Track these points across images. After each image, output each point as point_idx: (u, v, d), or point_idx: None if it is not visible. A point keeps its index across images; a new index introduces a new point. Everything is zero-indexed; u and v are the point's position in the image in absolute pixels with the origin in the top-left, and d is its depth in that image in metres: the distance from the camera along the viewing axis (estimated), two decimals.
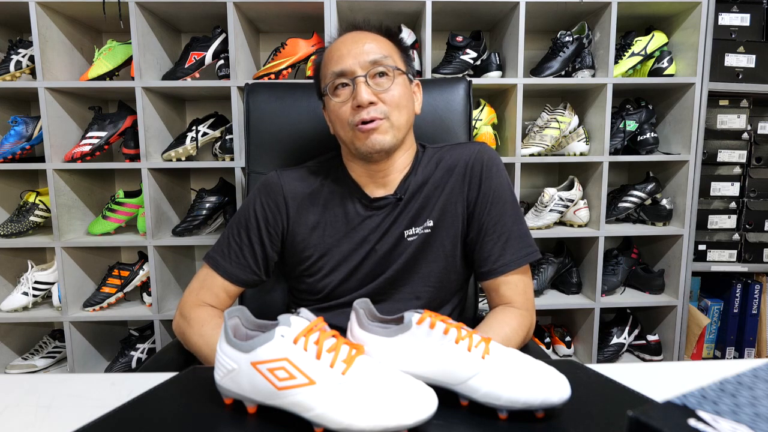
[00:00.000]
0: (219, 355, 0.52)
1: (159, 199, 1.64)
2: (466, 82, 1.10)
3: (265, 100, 1.07)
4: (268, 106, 1.07)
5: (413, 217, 0.85)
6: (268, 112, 1.06)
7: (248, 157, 1.08)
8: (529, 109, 1.81)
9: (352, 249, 0.86)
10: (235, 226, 0.88)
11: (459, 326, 0.55)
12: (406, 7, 1.58)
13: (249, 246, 0.86)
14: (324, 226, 0.86)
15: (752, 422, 0.27)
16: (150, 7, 1.55)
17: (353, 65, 0.79)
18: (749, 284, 1.77)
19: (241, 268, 0.86)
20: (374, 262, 0.85)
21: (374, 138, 0.79)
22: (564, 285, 1.79)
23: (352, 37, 0.82)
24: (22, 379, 0.64)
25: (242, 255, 0.86)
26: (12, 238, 1.63)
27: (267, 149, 1.07)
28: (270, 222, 0.86)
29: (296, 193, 0.87)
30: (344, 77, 0.80)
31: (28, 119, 1.65)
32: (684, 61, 1.67)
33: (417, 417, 0.45)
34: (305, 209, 0.87)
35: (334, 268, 0.86)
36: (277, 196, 0.87)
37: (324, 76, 0.84)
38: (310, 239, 0.86)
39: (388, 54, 0.81)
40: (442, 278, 0.86)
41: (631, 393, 0.55)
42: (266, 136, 1.06)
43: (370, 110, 0.78)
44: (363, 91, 0.77)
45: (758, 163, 1.73)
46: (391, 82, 0.80)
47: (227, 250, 0.86)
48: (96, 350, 1.75)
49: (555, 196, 1.68)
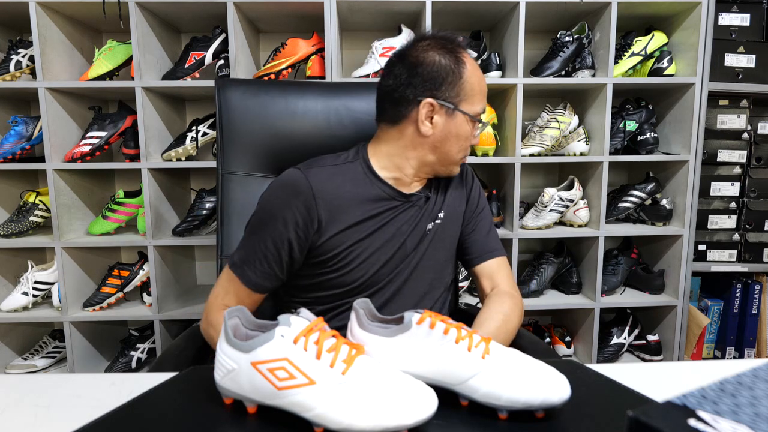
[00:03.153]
0: (219, 355, 0.52)
1: (159, 199, 1.64)
2: None
3: (239, 97, 1.02)
4: (242, 104, 1.01)
5: (433, 211, 0.91)
6: (242, 109, 1.01)
7: (222, 157, 1.01)
8: (529, 109, 1.81)
9: (384, 242, 0.86)
10: (262, 233, 0.82)
11: (459, 326, 0.55)
12: (406, 7, 1.58)
13: (276, 256, 0.82)
14: (357, 224, 0.85)
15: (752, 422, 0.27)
16: (150, 7, 1.55)
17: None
18: (749, 284, 1.77)
19: (268, 278, 0.83)
20: (402, 255, 0.88)
21: (461, 167, 0.93)
22: (564, 285, 1.79)
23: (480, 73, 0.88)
24: (22, 379, 0.64)
25: (269, 265, 0.82)
26: (12, 238, 1.63)
27: (242, 149, 1.01)
28: (300, 227, 0.81)
29: (327, 193, 0.82)
30: (479, 116, 0.87)
31: (28, 119, 1.65)
32: (684, 61, 1.67)
33: (417, 417, 0.45)
34: (337, 209, 0.83)
35: (365, 260, 0.85)
36: (308, 198, 0.81)
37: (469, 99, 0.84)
38: (342, 237, 0.84)
39: None
40: (444, 267, 0.94)
41: (631, 393, 0.55)
42: (241, 135, 1.01)
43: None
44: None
45: (758, 163, 1.73)
46: None
47: (253, 259, 0.82)
48: (96, 350, 1.75)
49: (555, 196, 1.68)
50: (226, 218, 1.01)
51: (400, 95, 0.83)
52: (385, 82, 0.86)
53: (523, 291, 1.70)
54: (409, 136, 0.85)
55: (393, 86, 0.84)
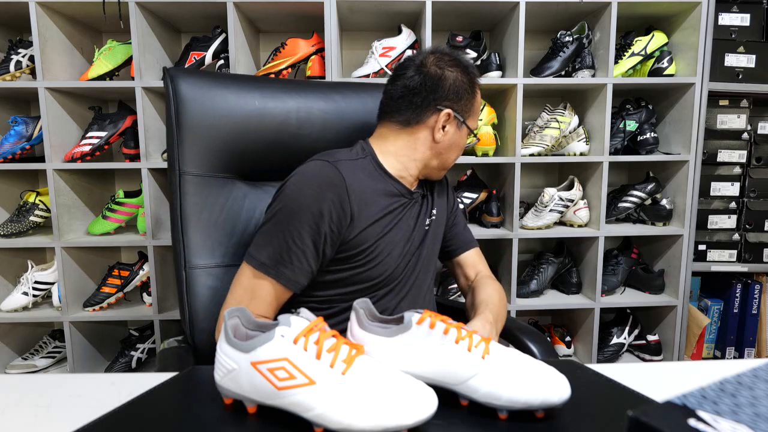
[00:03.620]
0: (219, 355, 0.52)
1: (159, 199, 1.64)
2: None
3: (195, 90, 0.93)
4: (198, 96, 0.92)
5: (427, 208, 0.97)
6: (199, 103, 0.92)
7: (178, 156, 0.91)
8: (529, 109, 1.81)
9: (401, 237, 0.90)
10: (294, 228, 0.78)
11: (459, 326, 0.55)
12: (406, 7, 1.58)
13: (314, 250, 0.79)
14: (381, 218, 0.86)
15: (752, 422, 0.27)
16: (150, 7, 1.55)
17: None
18: (749, 284, 1.77)
19: (305, 275, 0.80)
20: (412, 250, 0.92)
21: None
22: (564, 285, 1.79)
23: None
24: (22, 379, 0.64)
25: (307, 261, 0.80)
26: (12, 238, 1.63)
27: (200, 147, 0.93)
28: (334, 221, 0.79)
29: (357, 186, 0.83)
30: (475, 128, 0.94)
31: (28, 119, 1.65)
32: (684, 61, 1.67)
33: (417, 417, 0.45)
34: (365, 203, 0.83)
35: (388, 255, 0.87)
36: (341, 191, 0.80)
37: (473, 117, 0.94)
38: (370, 231, 0.84)
39: None
40: (435, 260, 1.02)
41: (631, 393, 0.55)
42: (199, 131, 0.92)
43: None
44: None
45: (758, 163, 1.73)
46: None
47: (289, 256, 0.78)
48: (96, 350, 1.75)
49: (555, 196, 1.68)
50: (187, 224, 0.91)
51: (423, 101, 0.88)
52: (404, 83, 0.89)
53: (523, 291, 1.70)
54: (421, 139, 0.90)
55: (416, 91, 0.88)
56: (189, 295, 0.91)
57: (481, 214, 1.77)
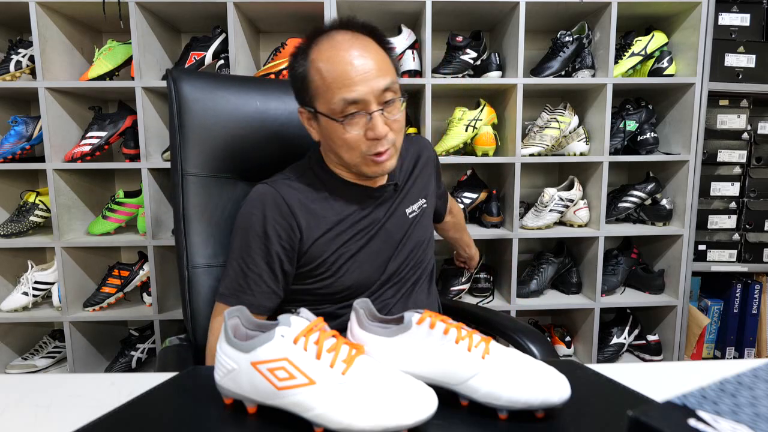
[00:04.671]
0: (219, 355, 0.52)
1: (159, 199, 1.64)
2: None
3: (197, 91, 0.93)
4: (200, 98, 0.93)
5: (410, 197, 0.95)
6: (201, 104, 0.93)
7: (181, 157, 0.92)
8: (529, 109, 1.81)
9: (369, 239, 0.87)
10: (248, 254, 0.80)
11: (459, 326, 0.55)
12: (406, 7, 1.58)
13: (269, 271, 0.80)
14: (335, 226, 0.84)
15: (752, 422, 0.27)
16: (150, 7, 1.55)
17: (367, 95, 0.75)
18: (749, 284, 1.77)
19: (268, 297, 0.81)
20: (388, 243, 0.89)
21: (384, 166, 0.81)
22: (564, 285, 1.79)
23: (353, 51, 0.76)
24: (22, 379, 0.64)
25: (265, 284, 0.80)
26: (12, 238, 1.63)
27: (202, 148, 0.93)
28: (284, 239, 0.80)
29: (299, 202, 0.82)
30: (357, 107, 0.76)
31: (28, 119, 1.65)
32: (684, 61, 1.67)
33: (417, 417, 0.45)
34: (314, 215, 0.83)
35: (357, 262, 0.85)
36: (283, 209, 0.81)
37: (325, 96, 0.77)
38: (324, 241, 0.83)
39: (391, 75, 0.79)
40: (430, 240, 1.01)
41: (631, 393, 0.55)
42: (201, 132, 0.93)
43: (384, 142, 0.78)
44: (381, 125, 0.76)
45: (758, 163, 1.73)
46: (398, 109, 0.80)
47: (245, 281, 0.80)
48: (96, 350, 1.75)
49: (555, 196, 1.68)
50: (189, 224, 0.93)
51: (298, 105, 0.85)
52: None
53: (523, 291, 1.70)
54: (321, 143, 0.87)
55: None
56: (191, 294, 0.92)
57: (481, 214, 1.77)
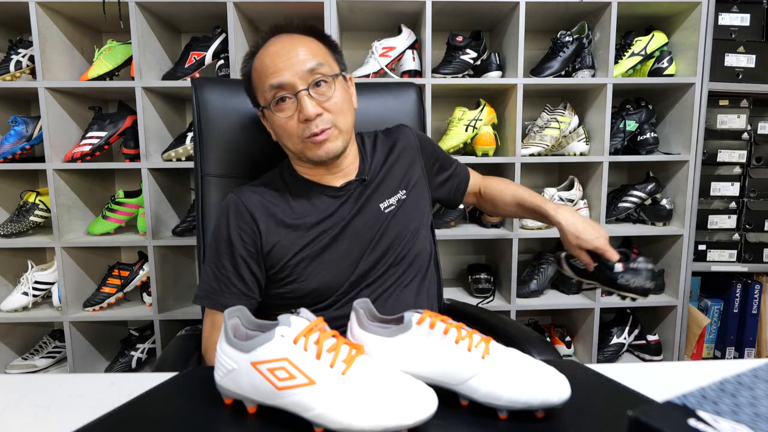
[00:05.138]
0: (219, 355, 0.52)
1: (159, 199, 1.64)
2: (416, 87, 1.12)
3: (217, 97, 0.99)
4: (220, 104, 0.99)
5: (384, 191, 0.91)
6: (220, 110, 0.99)
7: (201, 159, 0.98)
8: (529, 109, 1.81)
9: (335, 235, 0.86)
10: (218, 259, 0.84)
11: (459, 326, 0.55)
12: (406, 7, 1.58)
13: (237, 275, 0.83)
14: (299, 227, 0.85)
15: (752, 422, 0.27)
16: (150, 7, 1.55)
17: (292, 77, 0.79)
18: (749, 284, 1.77)
19: (237, 298, 0.82)
20: (357, 241, 0.87)
21: (327, 147, 0.82)
22: (564, 285, 1.79)
23: (282, 45, 0.81)
24: (22, 379, 0.64)
25: (233, 285, 0.83)
26: (12, 238, 1.63)
27: (221, 151, 0.99)
28: (248, 242, 0.83)
29: (260, 206, 0.85)
30: (284, 90, 0.79)
31: (28, 119, 1.65)
32: (684, 61, 1.67)
33: (417, 417, 0.45)
34: (274, 218, 0.85)
35: (323, 261, 0.84)
36: (244, 214, 0.84)
37: (260, 88, 0.83)
38: (285, 243, 0.84)
39: (322, 60, 0.82)
40: (417, 232, 0.93)
41: (631, 393, 0.55)
42: (219, 136, 0.98)
43: (318, 122, 0.80)
44: (308, 105, 0.78)
45: (758, 163, 1.73)
46: (332, 89, 0.82)
47: (216, 284, 0.83)
48: (96, 350, 1.75)
49: (555, 196, 1.68)
50: (208, 223, 0.98)
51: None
52: None
53: (523, 291, 1.70)
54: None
55: None
56: None
57: (481, 214, 1.77)
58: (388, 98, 1.11)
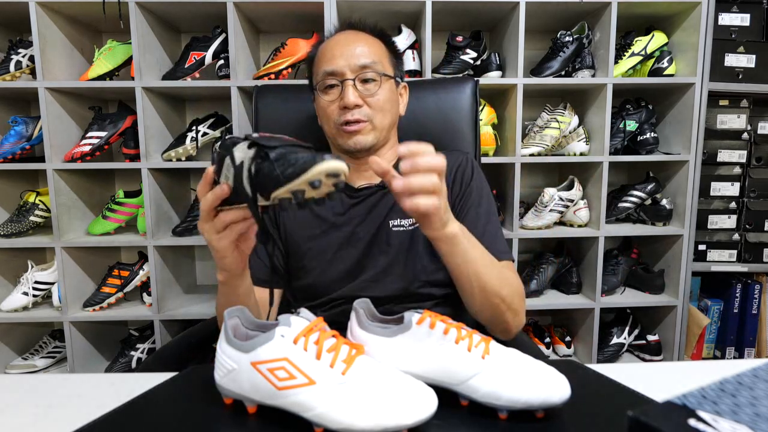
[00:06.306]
0: (219, 355, 0.52)
1: (159, 199, 1.64)
2: (473, 81, 1.11)
3: (273, 102, 1.07)
4: (277, 108, 1.07)
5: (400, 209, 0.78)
6: (277, 114, 1.06)
7: None
8: (529, 109, 1.81)
9: (338, 235, 0.86)
10: None
11: (459, 326, 0.55)
12: (406, 7, 1.58)
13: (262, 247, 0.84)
14: (312, 220, 0.88)
15: (752, 422, 0.27)
16: (150, 7, 1.55)
17: (343, 67, 0.83)
18: (749, 284, 1.77)
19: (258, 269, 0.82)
20: (358, 248, 0.85)
21: (356, 138, 0.85)
22: (564, 285, 1.79)
23: (345, 38, 0.87)
24: (22, 379, 0.64)
25: (255, 254, 0.82)
26: (12, 238, 1.63)
27: None
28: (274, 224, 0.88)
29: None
30: (334, 77, 0.84)
31: (28, 119, 1.65)
32: (684, 61, 1.67)
33: (417, 417, 0.45)
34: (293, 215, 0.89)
35: (325, 258, 0.86)
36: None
37: (316, 71, 0.88)
38: (293, 225, 0.88)
39: (378, 59, 0.85)
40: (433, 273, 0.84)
41: (631, 393, 0.55)
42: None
43: (355, 112, 0.83)
44: (350, 93, 0.82)
45: (758, 163, 1.73)
46: (378, 87, 0.85)
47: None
48: (96, 350, 1.75)
49: (555, 196, 1.68)
50: None
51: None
52: None
53: None
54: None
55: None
56: None
57: None
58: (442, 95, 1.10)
